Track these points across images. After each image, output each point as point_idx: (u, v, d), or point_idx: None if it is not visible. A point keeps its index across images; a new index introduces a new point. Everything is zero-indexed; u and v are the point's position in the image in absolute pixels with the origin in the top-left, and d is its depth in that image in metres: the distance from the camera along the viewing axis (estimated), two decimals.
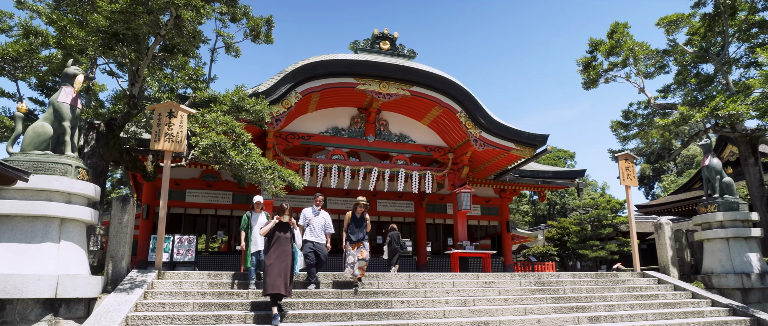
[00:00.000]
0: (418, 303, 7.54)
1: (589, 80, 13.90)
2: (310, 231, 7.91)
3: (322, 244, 7.94)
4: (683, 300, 9.16)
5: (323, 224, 8.06)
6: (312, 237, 7.85)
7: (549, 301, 8.38)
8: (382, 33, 14.51)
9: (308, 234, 7.85)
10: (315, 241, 7.83)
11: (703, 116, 10.79)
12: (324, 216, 8.14)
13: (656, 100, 13.65)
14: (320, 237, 7.92)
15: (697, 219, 10.49)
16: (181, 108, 8.40)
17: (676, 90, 13.34)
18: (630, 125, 14.57)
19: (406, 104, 14.89)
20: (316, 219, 8.02)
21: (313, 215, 8.07)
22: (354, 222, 8.02)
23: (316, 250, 7.79)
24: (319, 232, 7.95)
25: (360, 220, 8.05)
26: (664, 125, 11.71)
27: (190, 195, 16.00)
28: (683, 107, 11.21)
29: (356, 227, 7.97)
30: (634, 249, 11.15)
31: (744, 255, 9.74)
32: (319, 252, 7.82)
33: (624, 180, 11.29)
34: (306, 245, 7.75)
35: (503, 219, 19.09)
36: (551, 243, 26.36)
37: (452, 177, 15.74)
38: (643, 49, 13.79)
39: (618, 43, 13.19)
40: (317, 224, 8.00)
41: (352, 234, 7.94)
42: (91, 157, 8.99)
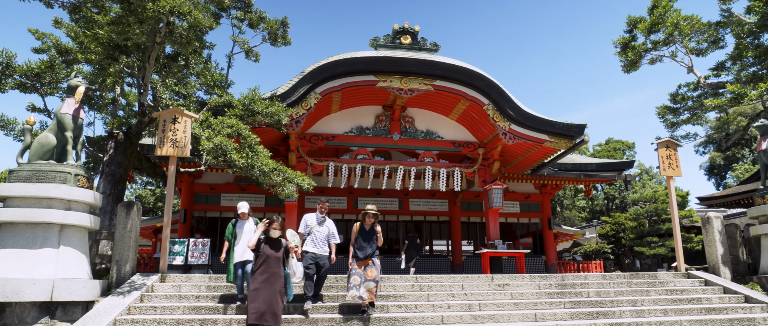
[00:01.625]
0: (417, 308, 7.15)
1: (628, 62, 12.71)
2: (311, 240, 6.96)
3: (325, 256, 7.01)
4: (731, 305, 8.04)
5: (327, 233, 7.12)
6: (313, 247, 6.91)
7: (567, 306, 7.66)
8: (403, 27, 14.14)
9: (309, 244, 6.92)
10: (316, 253, 6.87)
11: (760, 93, 9.45)
12: (328, 225, 7.23)
13: (708, 79, 12.21)
14: (322, 247, 6.98)
15: (752, 211, 9.22)
16: (184, 113, 8.57)
17: (732, 67, 11.83)
18: (679, 109, 13.16)
19: (432, 99, 14.41)
20: (319, 228, 7.05)
21: (315, 222, 7.11)
22: (362, 236, 6.86)
23: (318, 262, 6.86)
24: (322, 242, 7.00)
25: (369, 233, 6.87)
26: (715, 106, 10.40)
27: (225, 199, 16.51)
28: (734, 86, 9.89)
29: (364, 241, 6.79)
30: (677, 246, 10.01)
31: None
32: (320, 264, 6.89)
33: (665, 170, 10.18)
34: (306, 256, 6.81)
35: (544, 216, 18.03)
36: (605, 240, 24.66)
37: (483, 173, 15.05)
38: (691, 22, 12.39)
39: (660, 18, 11.93)
40: (320, 233, 7.02)
41: (360, 249, 6.76)
42: (109, 165, 9.43)
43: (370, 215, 6.89)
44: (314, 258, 6.82)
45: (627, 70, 13.17)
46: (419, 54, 13.57)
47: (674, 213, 10.16)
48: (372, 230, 6.89)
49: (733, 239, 9.77)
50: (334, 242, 7.18)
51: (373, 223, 6.93)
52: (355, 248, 6.83)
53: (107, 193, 9.17)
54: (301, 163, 14.02)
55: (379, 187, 14.88)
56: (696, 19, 12.42)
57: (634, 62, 12.60)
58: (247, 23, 12.45)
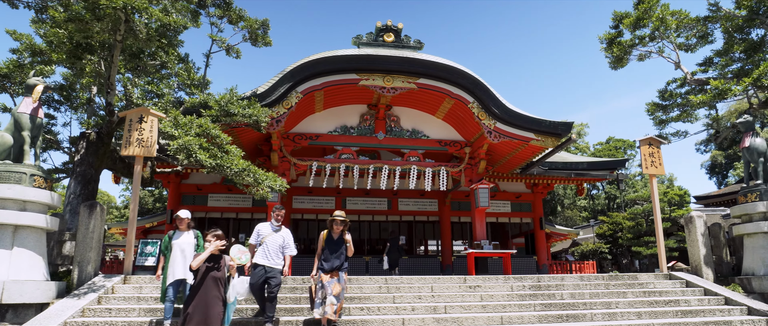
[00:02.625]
0: (380, 310, 6.97)
1: (614, 58, 12.43)
2: (262, 251, 6.11)
3: (277, 270, 6.13)
4: (710, 307, 7.78)
5: (281, 243, 6.26)
6: (264, 259, 6.05)
7: (537, 309, 7.44)
8: (386, 25, 13.96)
9: (259, 256, 6.07)
10: (267, 266, 6.03)
11: (744, 88, 9.17)
12: (284, 234, 6.37)
13: (695, 75, 11.90)
14: (275, 260, 6.13)
15: (735, 210, 8.93)
16: (150, 112, 8.46)
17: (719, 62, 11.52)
18: (669, 106, 12.86)
19: (417, 98, 14.22)
20: (272, 238, 6.21)
21: (269, 231, 6.27)
22: (329, 246, 6.08)
23: (268, 277, 5.99)
24: (275, 254, 6.15)
25: (337, 243, 6.10)
26: (700, 102, 10.12)
27: (212, 200, 16.44)
28: (717, 81, 9.61)
29: (331, 252, 6.02)
30: (659, 247, 9.74)
31: None
32: (270, 280, 6.00)
33: (647, 169, 9.92)
34: (255, 271, 5.97)
35: (536, 215, 17.76)
36: (603, 240, 24.32)
37: (469, 172, 14.82)
38: (680, 17, 12.09)
39: (645, 13, 11.65)
40: (273, 243, 6.17)
41: (326, 260, 5.99)
42: (80, 166, 9.35)
43: (337, 222, 6.09)
44: (264, 274, 5.99)
45: (614, 66, 12.88)
46: (402, 52, 13.39)
47: (656, 212, 9.90)
48: (341, 239, 6.10)
49: (716, 239, 9.48)
50: (290, 254, 6.41)
51: (342, 231, 6.15)
52: (320, 259, 6.08)
53: (77, 193, 9.09)
54: (285, 163, 13.89)
55: (368, 187, 14.72)
56: (684, 14, 12.13)
57: (619, 58, 12.32)
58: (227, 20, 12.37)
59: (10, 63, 8.86)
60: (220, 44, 11.83)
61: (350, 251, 6.21)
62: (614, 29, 12.57)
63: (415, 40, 13.99)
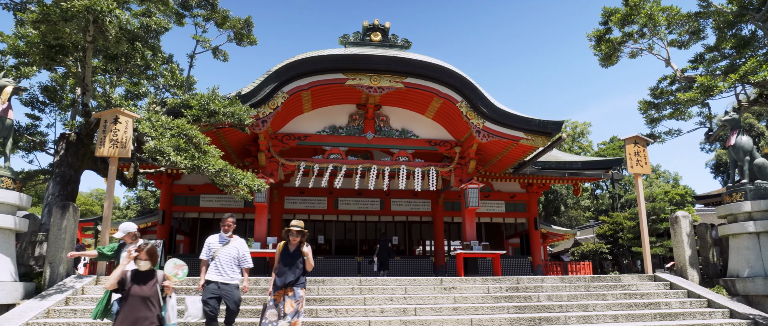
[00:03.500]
0: (348, 312, 6.89)
1: (603, 56, 12.20)
2: (214, 267, 5.44)
3: (233, 286, 5.45)
4: (691, 310, 7.57)
5: (235, 256, 5.55)
6: (216, 275, 5.39)
7: (511, 311, 7.30)
8: (373, 24, 13.86)
9: (211, 272, 5.41)
10: (220, 282, 5.35)
11: (731, 84, 8.93)
12: (237, 245, 5.67)
13: (685, 72, 11.64)
14: (229, 275, 5.43)
15: (720, 210, 8.70)
16: (124, 113, 8.45)
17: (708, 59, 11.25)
18: (661, 105, 12.60)
19: (406, 97, 14.10)
20: (225, 251, 5.51)
21: (220, 244, 5.57)
22: (283, 259, 5.34)
23: (223, 295, 5.36)
24: (228, 268, 5.46)
25: (294, 256, 5.34)
26: (688, 100, 9.89)
27: (204, 200, 16.45)
28: (702, 78, 9.37)
29: (286, 265, 5.28)
30: (644, 248, 9.53)
31: None
32: (226, 298, 5.39)
33: (632, 168, 9.71)
34: (207, 288, 5.32)
35: (531, 215, 17.55)
36: (603, 240, 23.99)
37: (459, 172, 14.67)
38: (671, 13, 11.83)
39: (634, 9, 11.41)
40: (225, 256, 5.49)
41: (279, 275, 5.25)
42: (60, 166, 9.38)
43: (294, 233, 5.37)
44: (217, 291, 5.32)
45: (604, 64, 12.64)
46: (389, 51, 13.29)
47: (642, 212, 9.69)
48: (298, 251, 5.37)
49: (703, 240, 9.25)
50: (247, 266, 5.66)
51: (300, 243, 5.39)
52: (275, 274, 5.35)
53: (56, 194, 9.12)
54: (273, 163, 13.86)
55: (356, 187, 14.63)
56: (675, 10, 11.86)
57: (608, 56, 12.08)
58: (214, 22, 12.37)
59: None
60: (204, 45, 11.81)
61: (309, 265, 5.43)
62: (603, 26, 12.34)
63: (403, 39, 13.88)
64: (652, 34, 11.95)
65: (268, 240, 12.83)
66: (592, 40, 12.47)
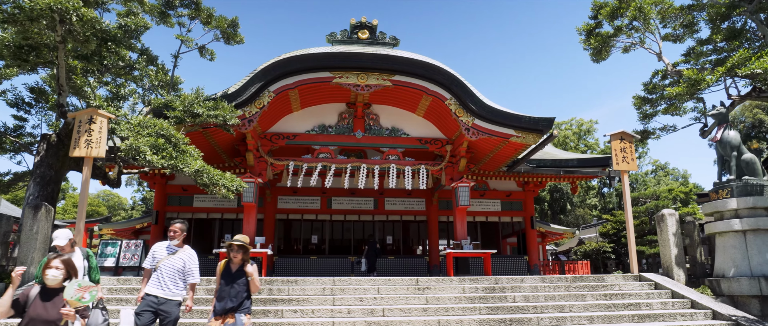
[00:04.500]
0: (314, 313, 6.79)
1: (594, 50, 11.93)
2: (156, 279, 4.77)
3: (173, 302, 4.74)
4: (672, 311, 7.32)
5: (180, 268, 4.84)
6: (156, 288, 4.71)
7: (483, 312, 7.12)
8: (360, 22, 13.75)
9: (152, 284, 4.74)
10: (159, 296, 4.68)
11: (718, 77, 8.63)
12: (184, 256, 4.92)
13: (677, 66, 11.32)
14: (170, 289, 4.74)
15: (706, 207, 8.41)
16: (99, 113, 8.46)
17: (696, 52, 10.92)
18: (655, 100, 12.28)
19: (396, 95, 13.96)
20: (169, 262, 4.83)
21: (165, 253, 4.90)
22: (224, 280, 4.59)
23: (160, 311, 4.66)
24: (171, 281, 4.77)
25: (235, 275, 4.58)
26: (676, 94, 9.60)
27: (198, 200, 16.48)
28: (690, 70, 9.07)
29: (226, 288, 4.53)
30: (630, 247, 9.26)
31: (766, 254, 7.56)
32: (162, 315, 4.67)
33: (618, 165, 9.46)
34: (144, 300, 4.68)
35: (527, 214, 17.27)
36: (606, 239, 23.59)
37: (450, 170, 14.49)
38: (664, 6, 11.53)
39: (623, 1, 11.14)
40: (168, 268, 4.80)
41: (219, 299, 4.54)
42: (40, 167, 9.42)
43: (235, 248, 4.56)
44: (155, 304, 4.64)
45: (595, 59, 12.37)
46: (377, 49, 13.15)
47: (628, 211, 9.43)
48: (240, 271, 4.58)
49: (691, 238, 8.96)
50: (193, 281, 4.92)
51: (243, 261, 4.60)
52: (215, 297, 4.64)
53: (36, 195, 9.16)
54: (262, 163, 13.83)
55: (350, 187, 14.53)
56: (668, 3, 11.56)
57: (599, 50, 11.81)
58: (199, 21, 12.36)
59: None
60: (187, 44, 11.80)
61: (254, 287, 4.64)
62: (593, 20, 12.07)
63: (391, 36, 13.75)
64: (645, 29, 11.65)
65: (257, 240, 12.78)
66: (582, 35, 12.20)
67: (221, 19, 12.08)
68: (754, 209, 7.77)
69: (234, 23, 12.36)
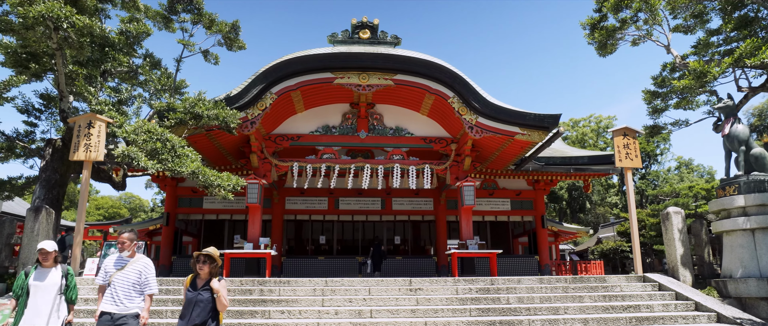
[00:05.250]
0: (301, 314, 6.76)
1: (598, 44, 11.58)
2: (109, 294, 4.39)
3: (129, 316, 4.38)
4: (673, 313, 7.02)
5: (135, 280, 4.44)
6: (111, 304, 4.35)
7: (473, 313, 6.98)
8: (361, 22, 13.71)
9: (106, 301, 4.38)
10: (114, 313, 4.35)
11: (725, 68, 8.25)
12: (138, 267, 4.50)
13: (686, 57, 10.88)
14: (125, 303, 4.36)
15: (713, 205, 8.05)
16: (98, 118, 8.64)
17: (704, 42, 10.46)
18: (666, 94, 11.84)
19: (399, 94, 13.86)
20: (122, 275, 4.42)
21: (115, 267, 4.47)
22: (189, 295, 4.16)
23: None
24: (124, 296, 4.38)
25: (201, 292, 4.16)
26: (683, 87, 9.23)
27: (207, 202, 16.71)
28: (695, 62, 8.69)
29: (191, 305, 4.09)
30: (634, 247, 8.94)
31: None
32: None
33: (621, 161, 9.15)
34: (100, 320, 4.37)
35: (538, 213, 16.92)
36: (624, 238, 22.96)
37: (455, 169, 14.30)
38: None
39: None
40: (122, 282, 4.40)
41: (182, 317, 4.12)
42: (45, 171, 9.71)
43: (201, 260, 4.17)
44: (110, 323, 4.34)
45: (601, 53, 11.99)
46: (378, 48, 13.08)
47: (632, 209, 9.10)
48: (207, 287, 4.15)
49: (698, 237, 8.59)
50: (151, 292, 4.52)
51: (210, 275, 4.19)
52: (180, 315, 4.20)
53: (42, 198, 9.42)
54: (266, 164, 13.92)
55: (355, 187, 14.50)
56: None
57: (603, 44, 11.44)
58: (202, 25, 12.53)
59: None
60: (190, 49, 11.97)
61: (222, 305, 4.12)
62: (598, 13, 11.71)
63: (392, 35, 13.67)
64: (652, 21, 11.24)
65: (260, 241, 12.87)
66: (587, 29, 11.86)
67: (222, 24, 12.21)
68: (763, 206, 7.39)
69: (235, 27, 12.48)
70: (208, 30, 12.50)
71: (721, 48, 10.11)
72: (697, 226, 8.62)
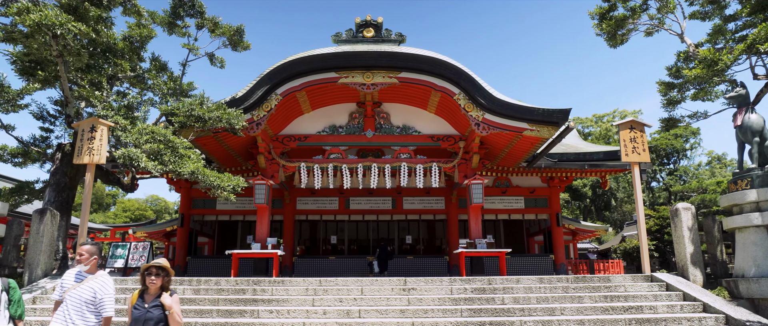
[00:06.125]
0: (290, 313, 6.74)
1: (608, 35, 11.17)
2: (61, 313, 3.88)
3: None
4: (679, 315, 6.65)
5: (89, 298, 3.87)
6: (61, 323, 3.83)
7: (465, 314, 6.80)
8: (365, 20, 13.64)
9: (58, 320, 3.83)
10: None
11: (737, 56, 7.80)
12: (93, 285, 3.90)
13: (701, 46, 10.35)
14: (78, 324, 3.82)
15: (724, 200, 7.60)
16: (100, 122, 8.86)
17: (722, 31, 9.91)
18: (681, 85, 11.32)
19: (405, 92, 13.74)
20: (77, 291, 3.89)
21: (73, 282, 3.95)
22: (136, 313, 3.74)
23: None
24: (76, 315, 3.85)
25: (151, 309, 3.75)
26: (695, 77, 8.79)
27: (220, 204, 16.94)
28: (706, 50, 8.24)
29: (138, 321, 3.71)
30: (642, 245, 8.55)
31: None
32: None
33: (627, 156, 8.77)
34: None
35: (553, 211, 16.44)
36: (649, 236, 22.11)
37: (464, 167, 14.06)
38: None
39: None
40: (75, 300, 3.86)
41: None
42: (55, 175, 10.03)
43: (153, 272, 3.76)
44: None
45: (611, 44, 11.56)
46: (382, 46, 12.98)
47: (639, 206, 8.71)
48: (157, 304, 3.74)
49: (709, 235, 8.13)
50: (107, 315, 3.90)
51: (161, 289, 3.79)
52: None
53: (51, 201, 9.75)
54: (274, 165, 14.02)
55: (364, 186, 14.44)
56: None
57: (613, 34, 11.01)
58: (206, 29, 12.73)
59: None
60: (195, 53, 12.17)
61: (176, 322, 3.70)
62: (607, 2, 11.28)
63: (397, 33, 13.55)
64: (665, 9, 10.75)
65: (268, 241, 12.97)
66: (595, 19, 11.45)
67: (226, 28, 12.37)
68: None
69: (239, 31, 12.62)
70: (213, 33, 12.69)
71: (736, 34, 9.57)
72: (709, 223, 8.16)
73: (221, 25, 12.36)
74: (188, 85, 13.01)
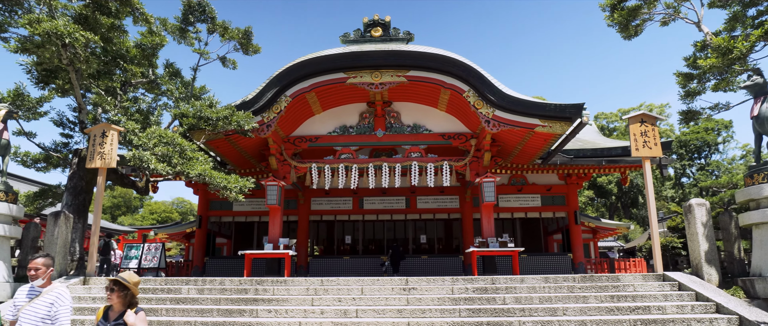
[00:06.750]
0: (288, 313, 6.79)
1: (620, 26, 10.80)
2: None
3: None
4: (688, 316, 6.36)
5: (44, 314, 3.56)
6: None
7: (462, 314, 6.69)
8: (373, 20, 13.63)
9: None
10: None
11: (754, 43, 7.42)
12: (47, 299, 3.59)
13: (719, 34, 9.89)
14: None
15: (739, 195, 7.24)
16: (111, 127, 9.13)
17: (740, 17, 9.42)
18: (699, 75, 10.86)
19: (415, 91, 13.66)
20: (31, 308, 3.56)
21: (24, 299, 3.66)
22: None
23: None
24: None
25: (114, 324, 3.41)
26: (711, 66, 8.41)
27: (236, 205, 17.25)
28: (720, 39, 7.86)
29: None
30: (654, 243, 8.23)
31: None
32: None
33: (638, 150, 8.46)
34: None
35: (571, 209, 16.05)
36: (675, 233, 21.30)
37: (476, 165, 13.86)
38: None
39: None
40: (30, 317, 3.54)
41: None
42: (72, 179, 10.41)
43: (117, 290, 3.40)
44: None
45: (625, 35, 11.17)
46: (389, 45, 12.93)
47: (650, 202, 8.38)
48: (120, 321, 3.42)
49: (726, 232, 7.75)
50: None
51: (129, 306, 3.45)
52: None
53: (69, 204, 10.12)
54: (285, 166, 14.17)
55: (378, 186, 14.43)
56: None
57: (625, 25, 10.64)
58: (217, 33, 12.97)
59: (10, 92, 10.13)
60: (206, 57, 12.41)
61: None
62: None
63: (405, 32, 13.49)
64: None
65: (280, 241, 13.11)
66: (607, 10, 11.09)
67: (235, 32, 12.56)
68: None
69: (247, 33, 12.80)
70: (223, 37, 12.91)
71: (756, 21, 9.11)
72: (726, 219, 7.78)
73: (230, 30, 12.56)
74: (200, 89, 13.28)
